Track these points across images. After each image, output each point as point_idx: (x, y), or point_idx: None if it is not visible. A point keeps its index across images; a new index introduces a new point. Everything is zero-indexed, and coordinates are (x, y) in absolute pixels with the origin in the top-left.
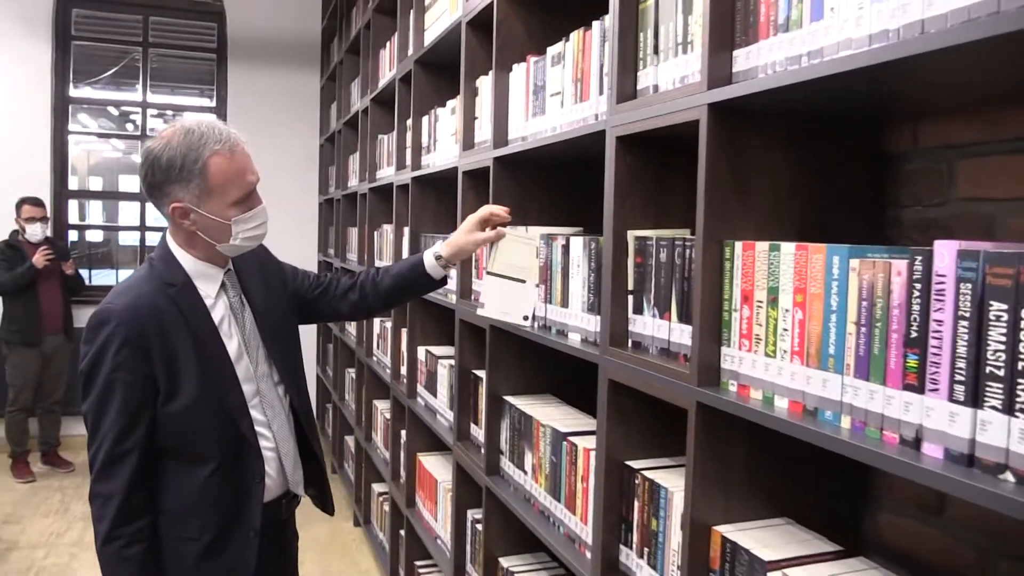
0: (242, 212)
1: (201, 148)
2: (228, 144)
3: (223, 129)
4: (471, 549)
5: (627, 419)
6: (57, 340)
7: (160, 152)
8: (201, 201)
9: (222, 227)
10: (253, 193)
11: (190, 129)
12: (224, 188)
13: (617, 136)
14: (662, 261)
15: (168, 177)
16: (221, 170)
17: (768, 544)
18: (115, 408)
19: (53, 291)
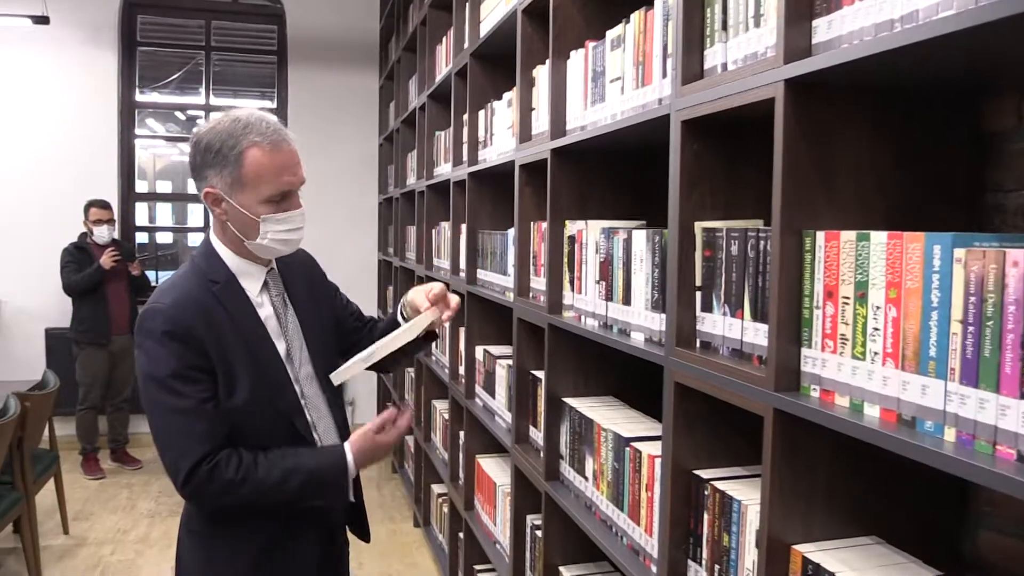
0: (273, 211)
1: (242, 137)
2: (271, 139)
3: (272, 124)
4: (531, 556)
5: (695, 425)
6: (124, 340)
7: (204, 134)
8: (233, 191)
9: (250, 222)
10: (290, 195)
11: (238, 118)
12: (257, 182)
13: (683, 120)
14: (733, 254)
15: (205, 160)
16: (257, 162)
17: (856, 567)
18: (181, 403)
19: (120, 292)
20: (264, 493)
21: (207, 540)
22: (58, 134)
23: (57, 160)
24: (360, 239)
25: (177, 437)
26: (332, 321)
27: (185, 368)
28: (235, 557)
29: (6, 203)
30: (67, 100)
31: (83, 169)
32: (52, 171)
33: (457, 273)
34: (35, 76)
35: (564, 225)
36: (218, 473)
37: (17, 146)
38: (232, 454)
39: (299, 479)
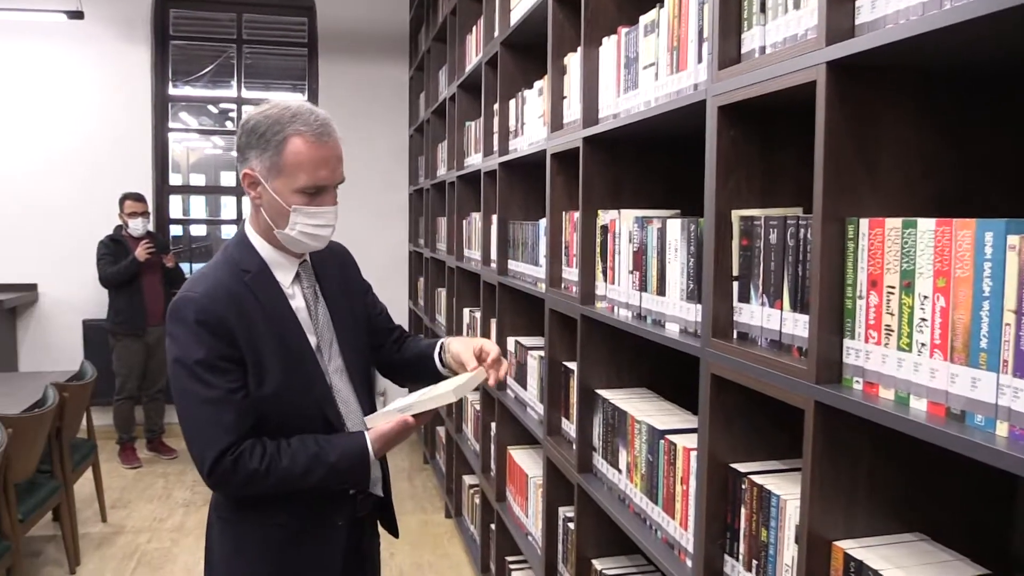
0: (306, 203)
1: (288, 124)
2: (316, 132)
3: (320, 118)
4: (563, 548)
5: (732, 417)
6: (160, 331)
7: (253, 116)
8: (270, 175)
9: (281, 210)
10: (325, 191)
11: (288, 106)
12: (294, 171)
13: (719, 106)
14: (772, 243)
15: (250, 141)
16: (297, 151)
17: (900, 564)
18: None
19: (155, 284)
20: (287, 482)
21: (235, 526)
22: (93, 128)
23: (92, 154)
24: (391, 230)
25: (204, 427)
26: (364, 316)
27: (215, 358)
28: (262, 543)
29: (43, 196)
30: (102, 94)
31: (118, 162)
32: (88, 165)
33: (488, 264)
34: (70, 70)
35: (597, 215)
36: (242, 463)
37: (53, 140)
38: (256, 444)
39: (322, 469)
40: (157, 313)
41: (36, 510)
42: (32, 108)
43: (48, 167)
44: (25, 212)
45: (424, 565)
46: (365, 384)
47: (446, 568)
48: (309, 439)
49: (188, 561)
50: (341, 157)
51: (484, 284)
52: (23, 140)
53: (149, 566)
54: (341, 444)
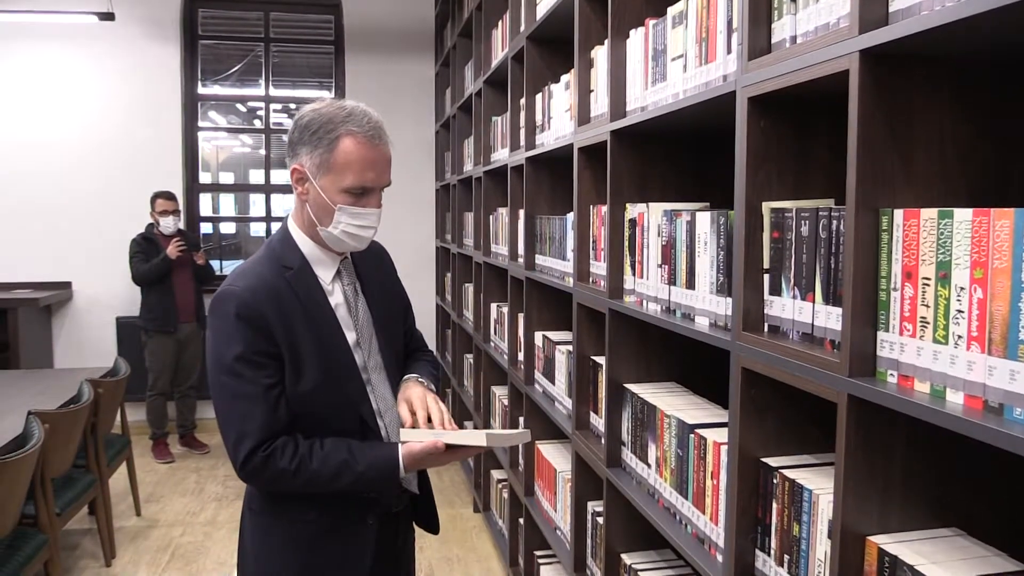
0: (351, 203)
1: (341, 124)
2: (369, 134)
3: (374, 121)
4: (592, 543)
5: (763, 411)
6: (191, 327)
7: (307, 113)
8: (319, 172)
9: (326, 207)
10: (370, 192)
11: (343, 106)
12: (343, 170)
13: (749, 97)
14: (804, 235)
15: (302, 137)
16: (348, 150)
17: (936, 559)
18: (246, 387)
19: (186, 281)
20: (315, 484)
21: (267, 520)
22: (125, 127)
23: (124, 153)
24: (418, 226)
25: (238, 421)
26: (401, 315)
27: (252, 353)
28: (293, 538)
29: (76, 195)
30: (132, 94)
31: (149, 161)
32: (119, 164)
33: (515, 259)
34: (101, 71)
35: (624, 208)
36: (273, 461)
37: (85, 140)
38: (288, 443)
39: (350, 477)
40: (188, 310)
41: (72, 504)
42: (65, 108)
43: (81, 167)
44: (59, 211)
45: (453, 559)
46: (399, 379)
47: (474, 562)
48: (342, 444)
49: (221, 554)
50: (389, 161)
51: (511, 279)
52: (56, 140)
53: (183, 559)
54: (372, 454)
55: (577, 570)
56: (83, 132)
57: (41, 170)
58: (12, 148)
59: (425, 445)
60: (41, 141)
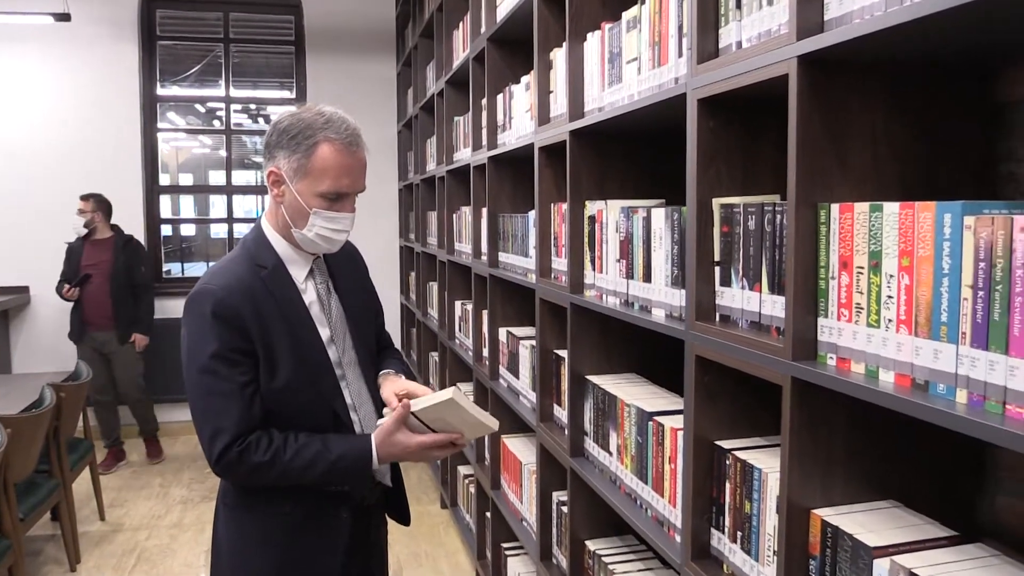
0: (326, 207)
1: (320, 130)
2: (347, 141)
3: (351, 128)
4: (557, 531)
5: (716, 397)
6: (106, 336)
7: (286, 118)
8: (295, 176)
9: (302, 211)
10: (345, 198)
11: (323, 112)
12: (319, 175)
13: (699, 99)
14: (751, 229)
15: (280, 141)
16: (325, 156)
17: (873, 529)
18: (221, 384)
19: (97, 291)
20: (290, 475)
21: (241, 514)
22: (82, 129)
23: (82, 155)
24: (381, 226)
25: (213, 417)
26: (374, 312)
27: (227, 351)
28: (267, 531)
29: (35, 199)
30: (90, 95)
31: (108, 163)
32: (78, 166)
33: (479, 256)
34: (58, 73)
35: (584, 206)
36: (247, 455)
37: (42, 142)
38: (263, 437)
39: (323, 466)
40: (102, 318)
41: (36, 509)
42: (21, 111)
43: (38, 169)
44: (15, 215)
45: (421, 555)
46: (373, 373)
47: (442, 557)
48: (317, 437)
49: (187, 556)
50: (365, 167)
51: (475, 276)
52: (11, 143)
53: (149, 562)
54: (346, 444)
55: (543, 559)
56: (40, 135)
57: None
58: None
59: (392, 416)
60: None
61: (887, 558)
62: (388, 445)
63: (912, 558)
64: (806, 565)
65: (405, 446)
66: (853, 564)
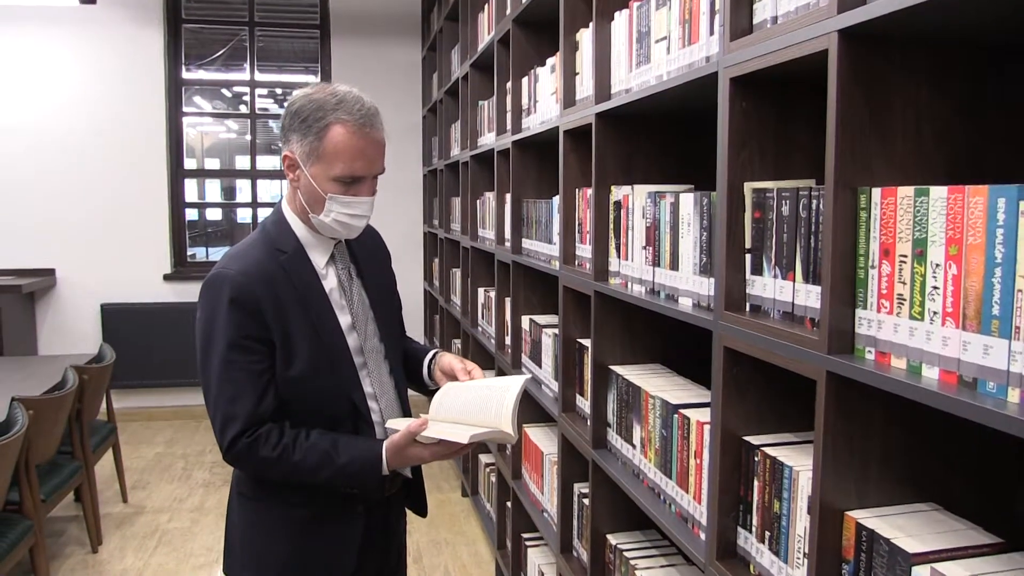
0: (341, 192)
1: (331, 111)
2: (360, 122)
3: (365, 107)
4: (578, 524)
5: (744, 390)
6: None
7: (298, 99)
8: (308, 160)
9: (317, 196)
10: (361, 181)
11: (335, 91)
12: (332, 159)
13: (731, 78)
14: (784, 215)
15: (292, 124)
16: (337, 139)
17: (912, 533)
18: (234, 372)
19: None
20: (297, 475)
21: (254, 504)
22: (108, 113)
23: (107, 138)
24: (405, 212)
25: (225, 405)
26: (396, 298)
27: (243, 337)
28: (280, 523)
29: (60, 182)
30: (115, 79)
31: (133, 147)
32: (103, 150)
33: (502, 243)
34: (84, 56)
35: (610, 191)
36: (256, 449)
37: (68, 126)
38: (273, 431)
39: (331, 470)
40: None
41: (58, 490)
42: (47, 94)
43: (63, 153)
44: (41, 198)
45: (441, 542)
46: (400, 363)
47: (462, 545)
48: (328, 436)
49: (208, 540)
50: (382, 149)
51: (498, 263)
52: (38, 127)
53: (170, 545)
54: (356, 447)
55: (563, 551)
56: (65, 118)
57: (23, 157)
58: None
59: (399, 435)
60: (22, 127)
61: (927, 565)
62: (399, 458)
63: (954, 566)
64: (838, 569)
65: (418, 456)
66: (890, 570)
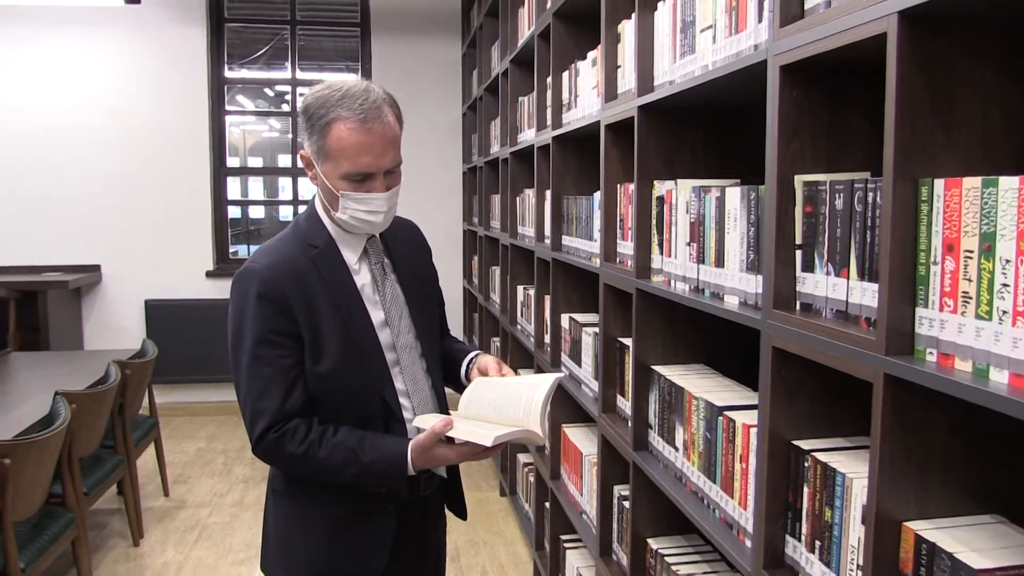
0: (352, 189)
1: (332, 108)
2: (360, 117)
3: (370, 100)
4: (618, 527)
5: (794, 392)
6: None
7: (308, 96)
8: (318, 158)
9: (331, 194)
10: (371, 177)
11: (340, 87)
12: (337, 157)
13: (781, 66)
14: (838, 209)
15: (303, 123)
16: (339, 137)
17: (977, 547)
18: (262, 367)
19: None
20: (324, 472)
21: (288, 501)
22: (151, 111)
23: (151, 136)
24: (445, 210)
25: (254, 400)
26: (435, 293)
27: (271, 333)
28: (314, 520)
29: (105, 180)
30: (159, 77)
31: (176, 144)
32: (147, 147)
33: (542, 240)
34: (128, 55)
35: (652, 186)
36: (282, 444)
37: (113, 124)
38: (300, 426)
39: (355, 468)
40: None
41: (100, 484)
42: (92, 93)
43: (108, 151)
44: (87, 196)
45: (479, 542)
46: (436, 360)
47: (500, 545)
48: (355, 434)
49: (247, 536)
50: (392, 141)
51: (538, 260)
52: (83, 125)
53: (210, 539)
54: (382, 446)
55: (603, 555)
56: (110, 117)
57: (69, 156)
58: (40, 134)
59: (429, 430)
60: (68, 127)
61: None
62: (425, 459)
63: None
64: None
65: (444, 457)
66: None
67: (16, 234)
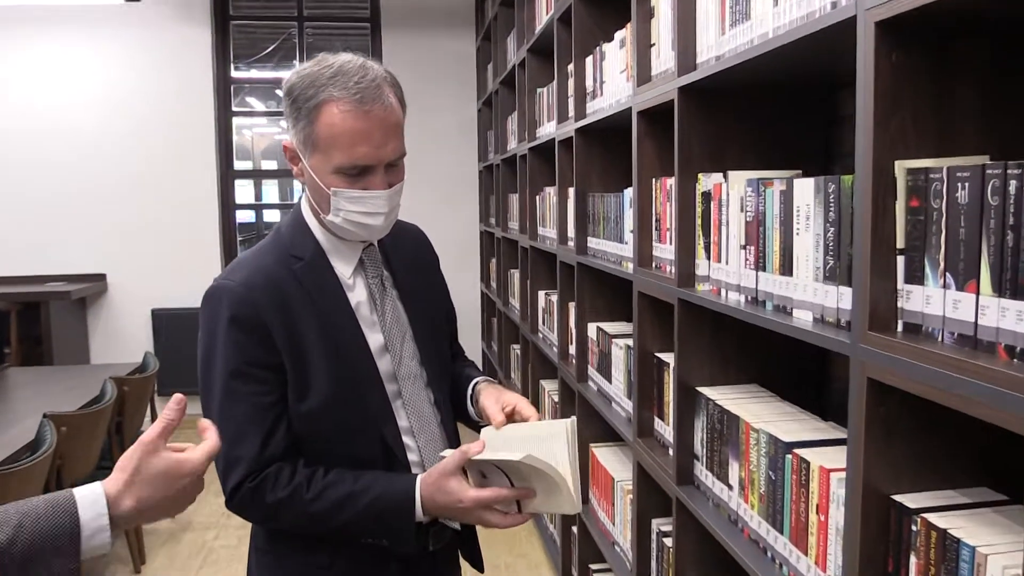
0: (346, 186)
1: (323, 87)
2: (357, 98)
3: (368, 79)
4: (657, 565)
5: (894, 435)
6: None
7: (292, 76)
8: (306, 150)
9: (322, 192)
10: (369, 171)
11: (331, 64)
12: (328, 146)
13: (876, 22)
14: (961, 203)
15: (286, 107)
16: (331, 122)
17: None
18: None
19: None
20: (313, 522)
21: (271, 561)
22: (155, 114)
23: (156, 140)
24: (460, 211)
25: (227, 446)
26: (443, 311)
27: (245, 364)
28: None
29: (109, 185)
30: (162, 79)
31: (182, 148)
32: (152, 151)
33: (565, 242)
34: (131, 56)
35: (696, 179)
36: (262, 493)
37: (117, 127)
38: (283, 469)
39: (352, 510)
40: None
41: None
42: (94, 95)
43: (113, 155)
44: (91, 201)
45: (501, 566)
46: (446, 391)
47: (524, 569)
48: (350, 473)
49: None
50: (395, 128)
51: (561, 265)
52: (85, 130)
53: (215, 565)
54: (384, 484)
55: None
56: (113, 119)
57: (71, 160)
58: (41, 137)
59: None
60: (71, 129)
61: None
62: (437, 493)
63: None
64: None
65: (458, 498)
66: None
67: (17, 242)
